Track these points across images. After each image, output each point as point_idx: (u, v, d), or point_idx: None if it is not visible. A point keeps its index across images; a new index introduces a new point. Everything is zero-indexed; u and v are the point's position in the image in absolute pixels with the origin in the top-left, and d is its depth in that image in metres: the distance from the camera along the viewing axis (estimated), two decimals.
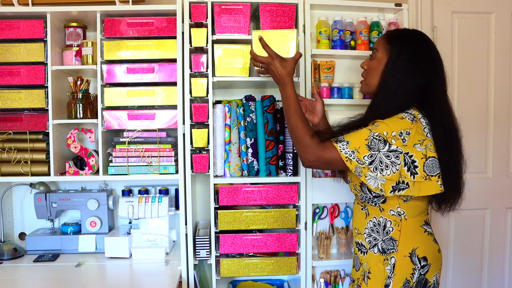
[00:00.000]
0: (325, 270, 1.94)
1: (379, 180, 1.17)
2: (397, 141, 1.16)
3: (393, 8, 1.90)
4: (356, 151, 1.17)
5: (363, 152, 1.17)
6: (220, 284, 1.93)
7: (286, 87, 1.34)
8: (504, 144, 2.13)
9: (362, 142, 1.18)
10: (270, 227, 1.74)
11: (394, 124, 1.18)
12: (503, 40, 2.10)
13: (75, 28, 1.84)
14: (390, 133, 1.16)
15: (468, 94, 2.09)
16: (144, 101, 1.75)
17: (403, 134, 1.17)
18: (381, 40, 1.30)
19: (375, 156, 1.16)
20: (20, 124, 1.74)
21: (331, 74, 1.91)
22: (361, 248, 1.31)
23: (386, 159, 1.16)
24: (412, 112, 1.22)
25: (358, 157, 1.17)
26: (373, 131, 1.18)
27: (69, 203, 1.87)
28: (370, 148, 1.16)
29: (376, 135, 1.17)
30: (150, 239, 1.82)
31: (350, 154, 1.17)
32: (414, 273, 1.22)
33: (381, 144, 1.16)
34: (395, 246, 1.23)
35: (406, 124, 1.18)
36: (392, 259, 1.22)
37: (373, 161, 1.16)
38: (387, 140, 1.16)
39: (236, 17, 1.72)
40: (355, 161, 1.17)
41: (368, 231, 1.28)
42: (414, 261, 1.22)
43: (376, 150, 1.16)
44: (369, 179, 1.18)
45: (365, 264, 1.29)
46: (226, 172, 1.76)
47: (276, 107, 1.79)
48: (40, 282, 1.56)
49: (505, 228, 2.17)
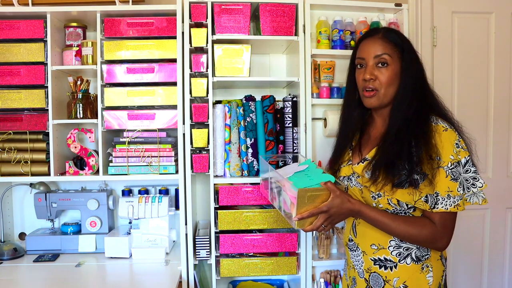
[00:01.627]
0: (325, 270, 1.94)
1: (480, 194, 1.16)
2: (462, 153, 1.13)
3: (393, 8, 1.90)
4: (452, 196, 1.11)
5: (454, 188, 1.11)
6: (220, 284, 1.93)
7: (363, 214, 1.18)
8: (504, 144, 2.14)
9: (447, 181, 1.11)
10: (270, 227, 1.74)
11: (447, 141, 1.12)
12: (503, 40, 2.10)
13: (75, 28, 1.84)
14: (453, 151, 1.12)
15: (468, 94, 2.09)
16: (144, 101, 1.75)
17: (459, 144, 1.14)
18: (384, 44, 1.19)
19: (462, 182, 1.13)
20: (20, 124, 1.74)
21: (331, 74, 1.91)
22: (385, 264, 1.21)
23: (467, 174, 1.14)
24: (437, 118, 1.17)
25: (456, 195, 1.12)
26: (443, 165, 1.11)
27: (69, 203, 1.87)
28: (456, 179, 1.12)
29: (451, 166, 1.11)
30: (150, 239, 1.82)
31: (452, 203, 1.11)
32: (443, 275, 1.21)
33: (459, 168, 1.13)
34: (429, 251, 1.19)
35: (452, 133, 1.14)
36: (430, 265, 1.19)
37: (463, 187, 1.14)
38: (459, 161, 1.13)
39: (236, 17, 1.72)
40: (460, 200, 1.12)
41: (396, 243, 1.20)
42: (443, 263, 1.21)
43: (459, 176, 1.13)
44: (471, 198, 1.16)
45: (394, 280, 1.19)
46: (226, 172, 1.76)
47: (276, 107, 1.79)
48: (40, 282, 1.56)
49: (505, 228, 2.17)
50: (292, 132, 1.79)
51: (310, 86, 1.79)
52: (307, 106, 1.77)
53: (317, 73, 1.89)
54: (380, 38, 1.21)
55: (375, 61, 1.20)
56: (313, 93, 1.85)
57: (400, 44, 1.20)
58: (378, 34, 1.22)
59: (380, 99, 1.21)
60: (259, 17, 1.75)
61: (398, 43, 1.20)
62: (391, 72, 1.18)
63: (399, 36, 1.23)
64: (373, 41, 1.21)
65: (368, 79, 1.20)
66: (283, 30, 1.74)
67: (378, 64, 1.19)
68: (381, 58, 1.19)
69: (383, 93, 1.19)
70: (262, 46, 1.89)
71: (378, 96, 1.20)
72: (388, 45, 1.19)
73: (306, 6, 1.76)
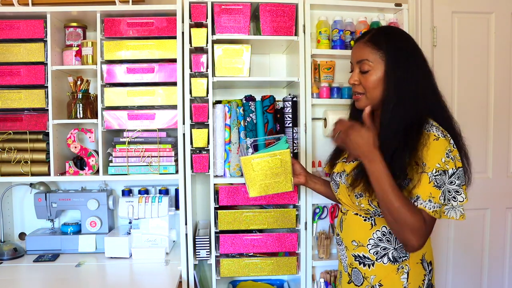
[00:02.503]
0: (325, 270, 1.94)
1: (459, 208, 1.10)
2: (450, 164, 1.10)
3: (393, 8, 1.90)
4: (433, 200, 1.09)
5: (436, 195, 1.09)
6: (220, 284, 1.93)
7: (375, 161, 1.11)
8: (504, 144, 2.14)
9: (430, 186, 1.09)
10: (270, 227, 1.74)
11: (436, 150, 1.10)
12: (503, 40, 2.10)
13: (75, 28, 1.84)
14: (440, 160, 1.09)
15: (468, 94, 2.09)
16: (144, 101, 1.75)
17: (450, 154, 1.10)
18: (366, 48, 1.19)
19: (445, 191, 1.10)
20: (20, 124, 1.74)
21: (331, 74, 1.91)
22: (363, 261, 1.22)
23: (451, 186, 1.10)
24: (433, 124, 1.15)
25: (437, 202, 1.08)
26: (427, 171, 1.10)
27: (69, 203, 1.87)
28: (439, 187, 1.08)
29: (436, 173, 1.09)
30: (150, 239, 1.82)
31: (433, 206, 1.08)
32: (425, 279, 1.18)
33: (444, 177, 1.09)
34: (407, 253, 1.17)
35: (444, 142, 1.11)
36: (406, 267, 1.17)
37: (445, 197, 1.10)
38: (446, 170, 1.09)
39: (236, 17, 1.72)
40: (438, 207, 1.09)
41: (375, 242, 1.20)
42: (425, 267, 1.19)
43: (443, 185, 1.09)
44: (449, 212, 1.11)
45: (371, 278, 1.20)
46: (226, 172, 1.76)
47: (276, 107, 1.79)
48: (40, 282, 1.56)
49: (505, 228, 2.17)
50: (292, 132, 1.79)
51: (310, 86, 1.79)
52: (307, 106, 1.77)
53: (317, 73, 1.89)
54: (363, 43, 1.21)
55: (358, 66, 1.22)
56: (313, 93, 1.85)
57: (383, 47, 1.17)
58: (364, 38, 1.22)
59: (367, 101, 1.22)
60: (259, 17, 1.75)
61: (381, 47, 1.18)
62: (374, 77, 1.18)
63: (386, 37, 1.19)
64: (358, 45, 1.23)
65: (352, 84, 1.24)
66: (283, 30, 1.74)
67: (361, 68, 1.21)
68: (362, 63, 1.20)
69: (369, 96, 1.21)
70: (262, 46, 1.89)
71: (364, 99, 1.22)
72: (370, 50, 1.19)
73: (306, 6, 1.76)
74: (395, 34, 1.22)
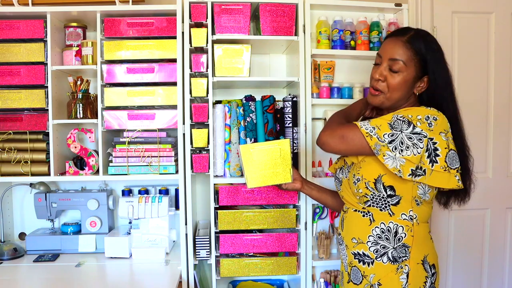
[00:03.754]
0: (325, 270, 1.94)
1: (398, 161, 1.10)
2: (422, 125, 1.11)
3: (393, 8, 1.90)
4: (377, 128, 1.12)
5: (384, 129, 1.11)
6: (220, 284, 1.93)
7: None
8: (504, 144, 2.13)
9: (384, 121, 1.13)
10: (270, 227, 1.74)
11: (420, 109, 1.14)
12: (503, 40, 2.09)
13: (75, 28, 1.84)
14: (415, 116, 1.11)
15: (468, 94, 2.09)
16: (144, 101, 1.75)
17: (430, 118, 1.11)
18: (403, 49, 1.18)
19: (396, 135, 1.10)
20: (20, 124, 1.74)
21: (331, 74, 1.91)
22: (363, 258, 1.21)
23: (408, 141, 1.10)
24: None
25: (378, 134, 1.11)
26: (397, 113, 1.14)
27: (69, 203, 1.87)
28: (392, 127, 1.11)
29: (400, 116, 1.12)
30: (150, 239, 1.82)
31: (371, 130, 1.12)
32: (427, 281, 1.16)
33: (405, 125, 1.11)
34: (408, 254, 1.16)
35: (434, 111, 1.14)
36: (406, 267, 1.16)
37: (394, 140, 1.10)
38: (411, 122, 1.11)
39: (236, 17, 1.72)
40: (376, 137, 1.11)
41: (374, 239, 1.19)
42: (427, 269, 1.17)
43: (399, 130, 1.10)
44: (387, 158, 1.10)
45: (371, 276, 1.19)
46: (226, 172, 1.76)
47: (276, 107, 1.79)
48: (40, 282, 1.56)
49: (505, 228, 2.17)
50: (292, 132, 1.79)
51: (310, 86, 1.79)
52: (307, 106, 1.77)
53: (317, 73, 1.89)
54: (402, 42, 1.19)
55: (389, 64, 1.20)
56: (313, 93, 1.85)
57: (422, 54, 1.17)
58: (403, 36, 1.20)
59: (382, 100, 1.22)
60: (259, 17, 1.75)
61: (420, 52, 1.17)
62: (402, 79, 1.18)
63: (426, 44, 1.19)
64: (395, 42, 1.20)
65: (377, 79, 1.22)
66: (283, 30, 1.74)
67: (391, 67, 1.19)
68: (395, 62, 1.18)
69: (387, 96, 1.21)
70: (262, 46, 1.89)
71: (382, 97, 1.22)
72: (407, 52, 1.18)
73: (306, 6, 1.76)
74: (432, 42, 1.21)
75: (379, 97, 1.22)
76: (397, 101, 1.22)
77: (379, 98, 1.22)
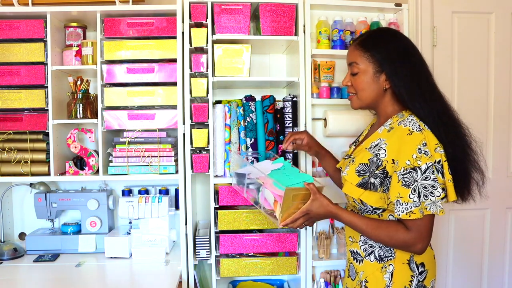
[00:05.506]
0: (325, 270, 1.94)
1: (438, 203, 1.10)
2: (422, 160, 1.09)
3: (393, 8, 1.90)
4: (403, 202, 1.10)
5: (404, 194, 1.10)
6: (220, 284, 1.93)
7: (339, 216, 1.23)
8: (504, 144, 2.14)
9: (398, 186, 1.11)
10: (270, 227, 1.74)
11: (407, 146, 1.11)
12: (503, 40, 2.10)
13: (75, 28, 1.84)
14: (411, 156, 1.10)
15: (468, 94, 2.09)
16: (144, 101, 1.75)
17: (421, 147, 1.10)
18: (355, 52, 1.24)
19: (416, 187, 1.09)
20: (20, 124, 1.74)
21: (331, 74, 1.91)
22: (356, 256, 1.27)
23: (426, 181, 1.09)
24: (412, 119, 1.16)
25: (409, 202, 1.10)
26: (397, 170, 1.12)
27: (69, 203, 1.87)
28: (407, 185, 1.10)
29: (403, 172, 1.11)
30: (150, 239, 1.82)
31: (403, 210, 1.10)
32: (413, 280, 1.18)
33: (414, 174, 1.10)
34: (393, 253, 1.19)
35: (417, 137, 1.12)
36: (390, 267, 1.19)
37: (419, 193, 1.09)
38: (415, 167, 1.10)
39: (236, 17, 1.72)
40: (412, 206, 1.09)
41: (364, 238, 1.24)
42: (413, 268, 1.19)
43: (414, 182, 1.10)
44: (430, 207, 1.10)
45: (361, 273, 1.25)
46: (226, 172, 1.76)
47: (276, 107, 1.79)
48: (40, 282, 1.56)
49: (505, 228, 2.17)
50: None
51: (310, 86, 1.79)
52: (307, 106, 1.77)
53: (317, 73, 1.89)
54: (354, 46, 1.27)
55: (350, 69, 1.28)
56: (313, 93, 1.85)
57: (369, 50, 1.22)
58: (356, 41, 1.28)
59: (359, 102, 1.28)
60: (259, 17, 1.75)
61: (368, 49, 1.22)
62: (362, 79, 1.24)
63: (374, 40, 1.23)
64: (350, 48, 1.28)
65: (345, 85, 1.30)
66: (283, 30, 1.74)
67: (352, 71, 1.26)
68: (352, 66, 1.26)
69: (359, 97, 1.27)
70: (262, 46, 1.89)
71: (355, 99, 1.28)
72: (357, 52, 1.24)
73: (306, 6, 1.76)
74: (384, 36, 1.26)
75: (354, 100, 1.29)
76: (370, 99, 1.25)
77: (354, 100, 1.29)
